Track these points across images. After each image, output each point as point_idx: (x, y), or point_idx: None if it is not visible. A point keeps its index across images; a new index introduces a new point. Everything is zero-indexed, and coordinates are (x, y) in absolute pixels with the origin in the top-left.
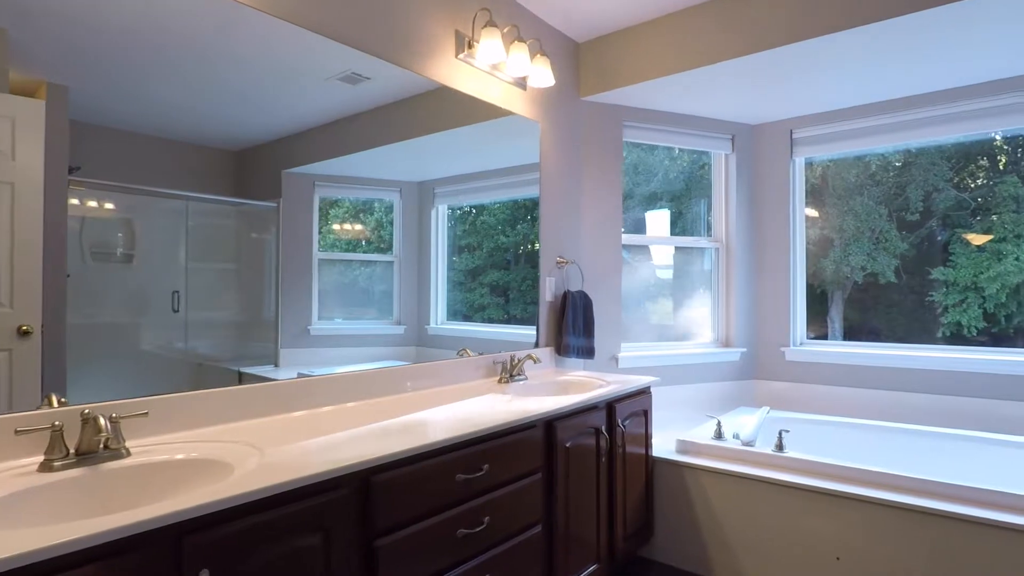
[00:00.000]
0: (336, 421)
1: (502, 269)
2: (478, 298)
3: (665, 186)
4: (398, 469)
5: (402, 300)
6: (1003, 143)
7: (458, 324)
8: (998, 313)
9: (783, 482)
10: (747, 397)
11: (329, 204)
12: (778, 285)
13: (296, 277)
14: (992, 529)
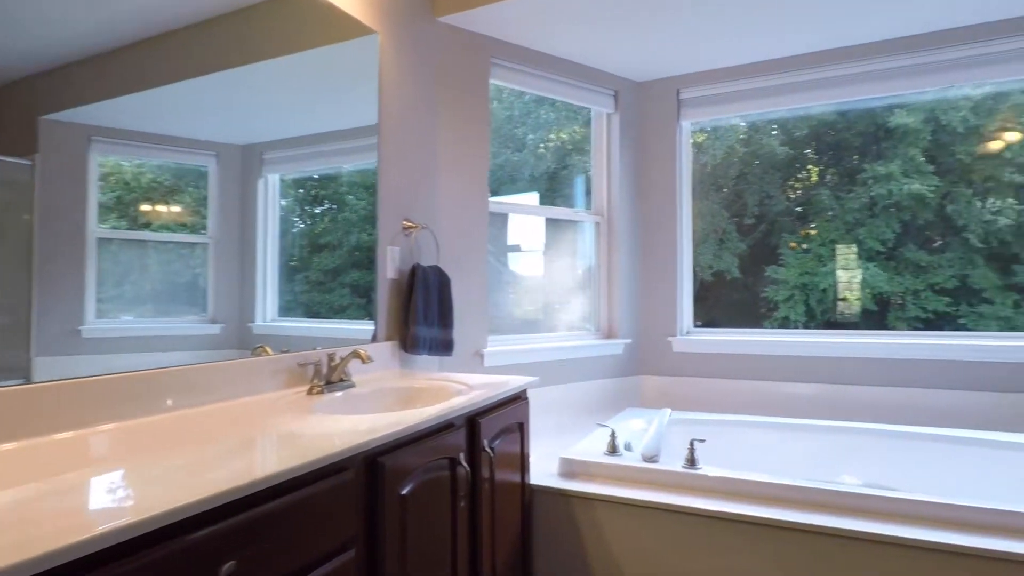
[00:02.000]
0: None
1: (364, 268)
2: (338, 299)
3: (535, 166)
4: None
5: (218, 292)
6: (814, 155)
7: (296, 321)
8: (817, 309)
9: (701, 510)
10: (633, 395)
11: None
12: (665, 265)
13: (61, 261)
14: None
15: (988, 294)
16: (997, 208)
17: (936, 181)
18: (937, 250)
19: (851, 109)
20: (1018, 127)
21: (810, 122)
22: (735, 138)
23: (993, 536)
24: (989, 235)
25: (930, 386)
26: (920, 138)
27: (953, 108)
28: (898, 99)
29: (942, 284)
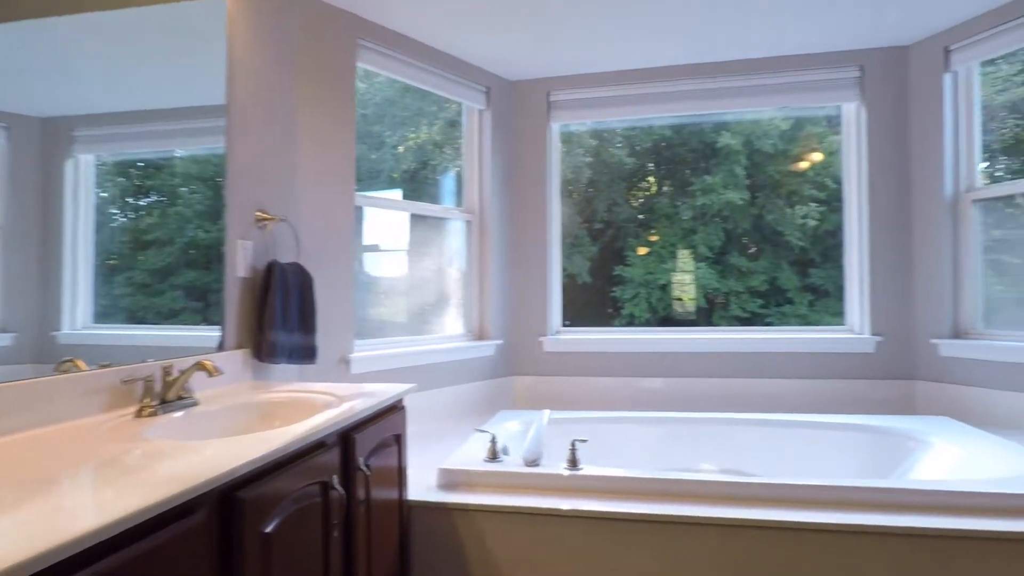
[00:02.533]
0: None
1: (201, 268)
2: (169, 302)
3: (393, 167)
4: None
5: (10, 293)
6: (654, 167)
7: (117, 328)
8: (658, 307)
9: (588, 512)
10: (505, 397)
11: None
12: (536, 265)
13: None
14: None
15: (791, 295)
16: (804, 213)
17: (748, 194)
18: (753, 256)
19: (686, 127)
20: (814, 151)
21: (651, 136)
22: (585, 146)
23: (838, 511)
24: (803, 236)
25: (752, 376)
26: (740, 157)
27: (765, 135)
28: (731, 118)
29: (757, 287)
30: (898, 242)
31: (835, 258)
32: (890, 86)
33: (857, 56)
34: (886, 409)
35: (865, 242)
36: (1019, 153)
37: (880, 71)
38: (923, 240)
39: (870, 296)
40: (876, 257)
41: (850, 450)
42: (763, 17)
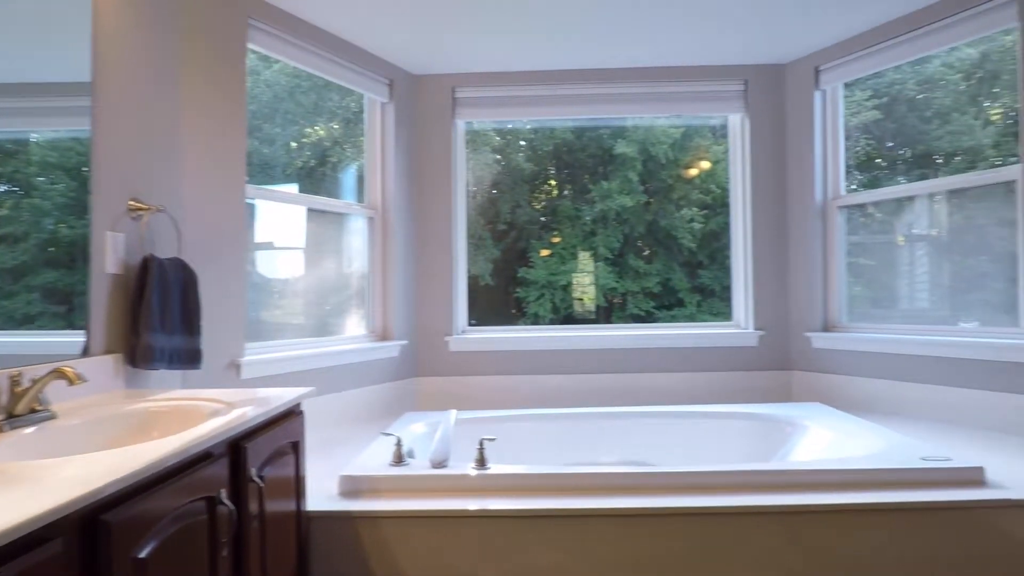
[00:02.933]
0: None
1: (64, 268)
2: (23, 306)
3: (288, 163)
4: None
5: None
6: (555, 171)
7: None
8: (561, 307)
9: (497, 511)
10: (409, 399)
11: None
12: (442, 263)
13: None
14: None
15: (682, 295)
16: (690, 218)
17: (644, 198)
18: (648, 259)
19: (586, 133)
20: (703, 159)
21: (553, 140)
22: (492, 145)
23: (728, 494)
24: (693, 239)
25: (648, 371)
26: (635, 164)
27: (659, 143)
28: (629, 123)
29: (651, 288)
30: (777, 244)
31: (721, 260)
32: (770, 100)
33: (741, 71)
34: (767, 398)
35: (749, 244)
36: (870, 169)
37: (761, 86)
38: (798, 242)
39: (753, 294)
40: (758, 258)
41: (737, 437)
42: (659, 29)
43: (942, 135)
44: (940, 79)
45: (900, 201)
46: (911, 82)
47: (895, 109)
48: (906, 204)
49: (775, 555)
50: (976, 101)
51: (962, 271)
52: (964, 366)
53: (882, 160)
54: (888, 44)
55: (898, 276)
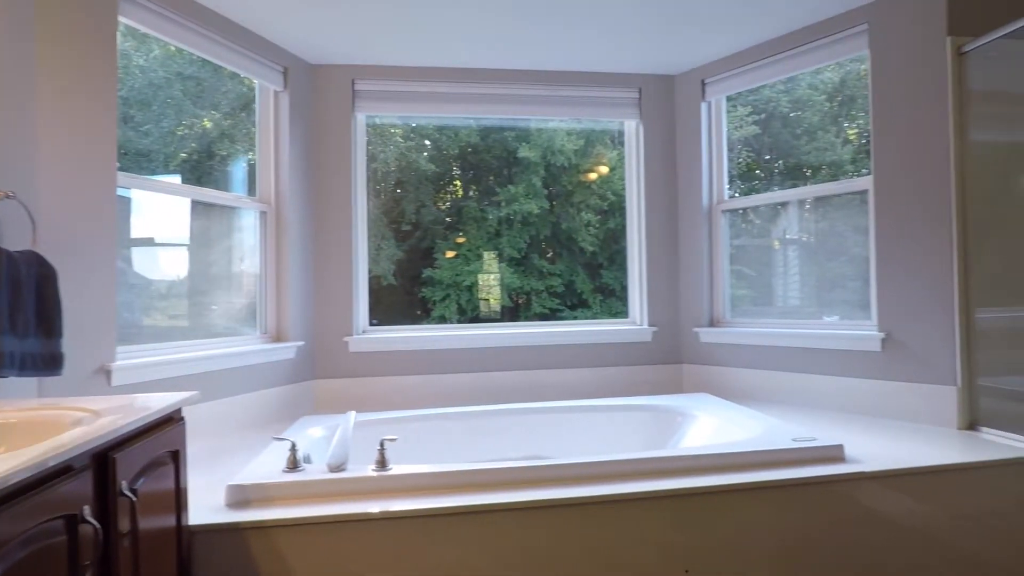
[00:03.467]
0: None
1: None
2: None
3: (169, 154)
4: None
5: None
6: (460, 172)
7: None
8: (467, 307)
9: (399, 513)
10: (307, 402)
11: None
12: (341, 261)
13: None
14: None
15: (585, 296)
16: (587, 221)
17: (547, 204)
18: (552, 260)
19: (490, 135)
20: (601, 164)
21: (458, 142)
22: (394, 145)
23: (623, 482)
24: (595, 242)
25: (551, 367)
26: (538, 169)
27: (561, 149)
28: (526, 128)
29: (555, 288)
30: (668, 245)
31: (620, 261)
32: (662, 109)
33: (636, 80)
34: (661, 390)
35: (643, 245)
36: (750, 179)
37: (654, 95)
38: (687, 244)
39: (647, 292)
40: (652, 258)
41: (634, 428)
42: (561, 34)
43: (810, 150)
44: (808, 99)
45: (776, 209)
46: (784, 101)
47: (771, 125)
48: (781, 211)
49: (666, 536)
50: (837, 121)
51: (826, 272)
52: (827, 356)
53: (760, 171)
54: (763, 63)
55: (774, 276)
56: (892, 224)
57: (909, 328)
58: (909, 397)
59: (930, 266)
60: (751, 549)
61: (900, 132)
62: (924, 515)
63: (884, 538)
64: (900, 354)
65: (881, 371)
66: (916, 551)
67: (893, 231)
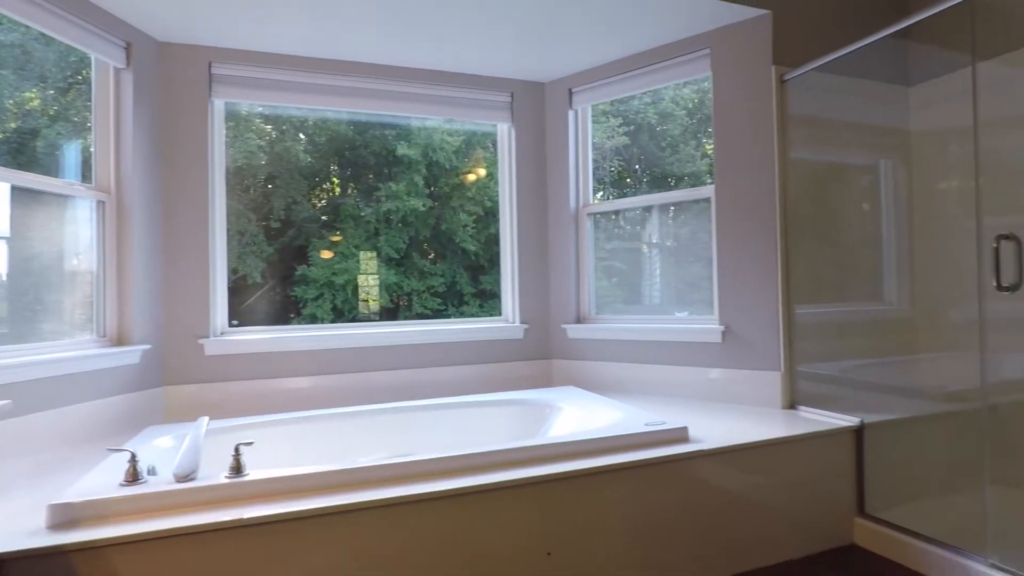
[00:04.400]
0: None
1: None
2: None
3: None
4: None
5: None
6: (337, 168)
7: None
8: (344, 307)
9: (256, 519)
10: (156, 411)
11: None
12: (196, 258)
13: None
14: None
15: (467, 297)
16: (464, 223)
17: (431, 202)
18: (433, 260)
19: (368, 131)
20: (481, 166)
21: (332, 136)
22: (259, 138)
23: (490, 472)
24: (476, 244)
25: (427, 366)
26: (420, 167)
27: (441, 149)
28: (414, 124)
29: (437, 288)
30: (538, 245)
31: (500, 263)
32: (533, 113)
33: (509, 84)
34: (532, 384)
35: (515, 245)
36: (621, 186)
37: (525, 99)
38: (556, 244)
39: (519, 291)
40: (523, 257)
41: (504, 422)
42: (436, 33)
43: (673, 161)
44: (671, 114)
45: (644, 214)
46: (651, 113)
47: (639, 137)
48: (648, 217)
49: (529, 522)
50: (696, 136)
51: (684, 273)
52: (679, 348)
53: (630, 179)
54: (623, 77)
55: (643, 277)
56: (730, 230)
57: (744, 322)
58: (743, 383)
59: (759, 267)
60: (608, 527)
61: (736, 147)
62: (754, 483)
63: (723, 506)
64: (737, 345)
65: (722, 360)
66: (750, 515)
67: (731, 236)
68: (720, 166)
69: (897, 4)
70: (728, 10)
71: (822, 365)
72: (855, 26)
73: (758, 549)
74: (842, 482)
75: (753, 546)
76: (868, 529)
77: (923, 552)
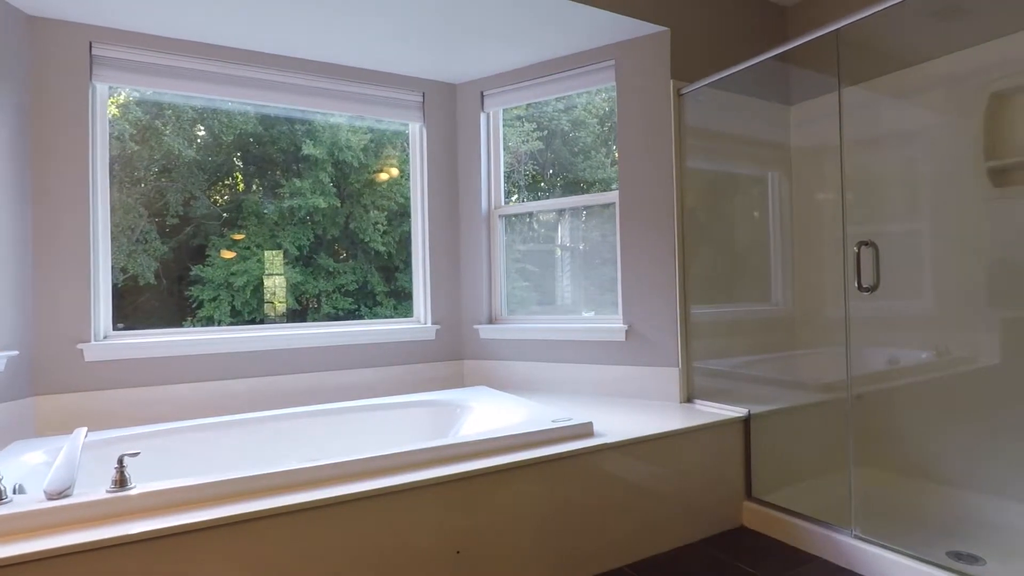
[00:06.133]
0: None
1: None
2: None
3: None
4: None
5: None
6: (241, 163)
7: None
8: (243, 309)
9: (142, 535)
10: (25, 425)
11: None
12: (73, 256)
13: None
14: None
15: (379, 297)
16: (375, 221)
17: (337, 201)
18: (344, 259)
19: (275, 126)
20: (392, 166)
21: (236, 131)
22: (151, 128)
23: (397, 474)
24: (389, 243)
25: (337, 368)
26: (325, 166)
27: (348, 147)
28: (312, 121)
29: (347, 287)
30: (450, 246)
31: (412, 263)
32: (444, 114)
33: (421, 84)
34: (445, 385)
35: (427, 245)
36: (535, 189)
37: (437, 100)
38: (468, 245)
39: (431, 291)
40: (435, 258)
41: (415, 423)
42: (344, 27)
43: (585, 167)
44: (583, 121)
45: (556, 216)
46: (565, 120)
47: (553, 142)
48: (559, 219)
49: (438, 522)
50: (607, 143)
51: (592, 274)
52: (585, 346)
53: (544, 183)
54: (533, 82)
55: (555, 278)
56: (632, 233)
57: (645, 321)
58: (645, 379)
59: (659, 269)
60: (517, 522)
61: (638, 155)
62: (654, 473)
63: (625, 496)
64: (639, 343)
65: (625, 358)
66: (650, 503)
67: (633, 239)
68: (624, 173)
69: (780, 29)
70: (630, 24)
71: (715, 361)
72: (746, 46)
73: (658, 535)
74: (732, 469)
75: (654, 532)
76: (755, 511)
77: (801, 529)
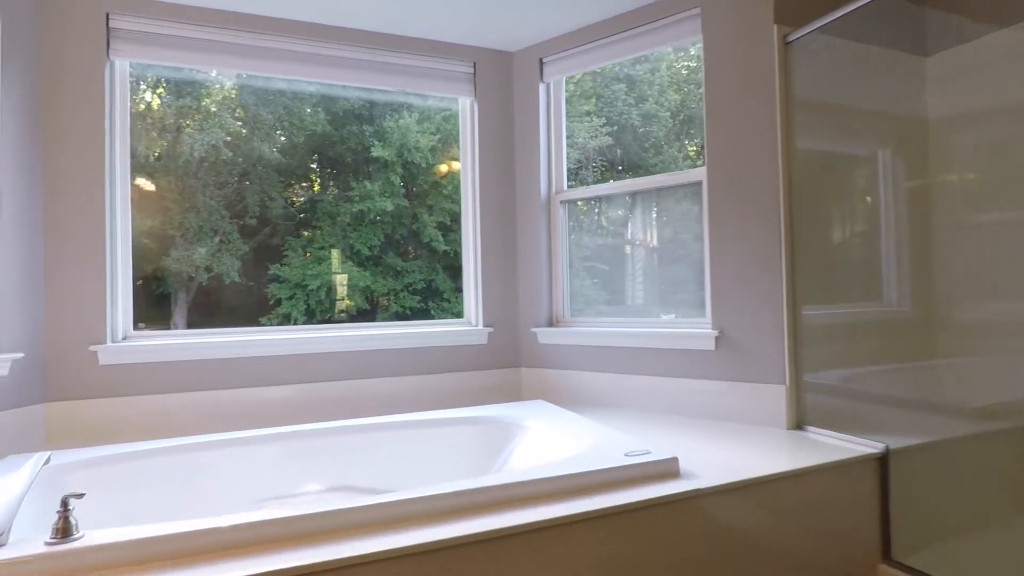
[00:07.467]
0: None
1: None
2: None
3: None
4: None
5: None
6: (319, 167)
7: None
8: (316, 308)
9: None
10: (33, 435)
11: None
12: (89, 250)
13: None
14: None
15: (447, 294)
16: (439, 221)
17: (406, 202)
18: (412, 258)
19: (344, 125)
20: (453, 160)
21: (307, 131)
22: (216, 123)
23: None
24: (453, 239)
25: (378, 375)
26: (396, 167)
27: (416, 148)
28: (377, 120)
29: (414, 285)
30: (505, 236)
31: (462, 256)
32: (499, 87)
33: (471, 52)
34: (498, 396)
35: (478, 235)
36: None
37: (490, 71)
38: (525, 235)
39: (483, 289)
40: (487, 250)
41: (460, 444)
42: None
43: (656, 163)
44: (655, 115)
45: (625, 203)
46: (635, 115)
47: (623, 137)
48: (629, 205)
49: None
50: (679, 139)
51: (666, 270)
52: (665, 356)
53: (614, 180)
54: (600, 43)
55: (625, 276)
56: (724, 219)
57: (741, 326)
58: (741, 398)
59: (759, 262)
60: None
61: (732, 123)
62: (758, 529)
63: (719, 554)
64: (732, 353)
65: (715, 371)
66: (754, 567)
67: (725, 225)
68: (712, 145)
69: None
70: None
71: (831, 373)
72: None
73: None
74: (864, 523)
75: None
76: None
77: None
